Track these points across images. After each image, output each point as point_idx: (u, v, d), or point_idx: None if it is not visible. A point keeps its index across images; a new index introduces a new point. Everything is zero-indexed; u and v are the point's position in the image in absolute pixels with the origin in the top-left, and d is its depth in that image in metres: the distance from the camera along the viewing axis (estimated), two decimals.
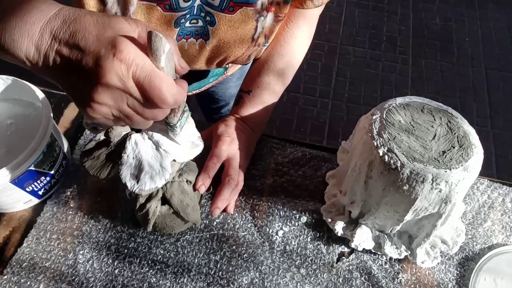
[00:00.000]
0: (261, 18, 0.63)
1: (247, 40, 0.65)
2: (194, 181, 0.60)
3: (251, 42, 0.66)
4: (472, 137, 0.53)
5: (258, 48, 0.69)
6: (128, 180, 0.48)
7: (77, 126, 0.73)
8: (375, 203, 0.56)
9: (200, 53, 0.67)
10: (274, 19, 0.64)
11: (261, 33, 0.66)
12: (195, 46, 0.66)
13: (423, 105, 0.55)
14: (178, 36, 0.64)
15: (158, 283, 0.58)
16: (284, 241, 0.62)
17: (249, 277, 0.59)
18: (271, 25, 0.65)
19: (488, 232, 0.64)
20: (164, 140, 0.49)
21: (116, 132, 0.47)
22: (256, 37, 0.65)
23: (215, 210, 0.61)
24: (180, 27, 0.62)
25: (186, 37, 0.64)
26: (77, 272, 0.58)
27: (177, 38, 0.64)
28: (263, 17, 0.63)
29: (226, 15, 0.61)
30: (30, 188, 0.60)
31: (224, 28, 0.63)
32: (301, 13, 0.68)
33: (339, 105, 1.91)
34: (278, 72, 0.70)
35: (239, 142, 0.65)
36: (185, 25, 0.62)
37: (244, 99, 0.70)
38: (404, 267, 0.61)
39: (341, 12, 2.26)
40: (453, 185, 0.49)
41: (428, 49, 2.12)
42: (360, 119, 0.59)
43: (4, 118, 0.64)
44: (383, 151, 0.50)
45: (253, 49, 0.68)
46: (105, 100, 0.36)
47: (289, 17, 0.68)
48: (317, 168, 0.70)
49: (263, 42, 0.68)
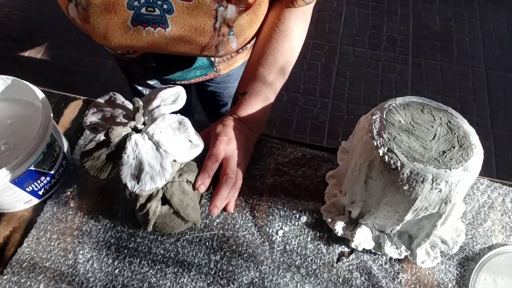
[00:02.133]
0: (221, 8, 0.62)
1: (209, 29, 0.65)
2: (194, 181, 0.60)
3: (213, 31, 0.65)
4: (472, 137, 0.53)
5: (223, 38, 0.67)
6: (129, 180, 0.48)
7: (77, 126, 0.73)
8: (375, 203, 0.56)
9: (160, 41, 0.67)
10: (236, 10, 0.63)
11: (223, 23, 0.65)
12: (154, 35, 0.65)
13: (423, 105, 0.55)
14: (133, 21, 0.63)
15: (158, 283, 0.58)
16: (284, 241, 0.62)
17: (249, 277, 0.59)
18: (234, 16, 0.64)
19: (488, 232, 0.64)
20: (165, 140, 0.49)
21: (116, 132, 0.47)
22: (218, 26, 0.64)
23: (214, 209, 0.61)
24: (135, 11, 0.62)
25: (143, 25, 0.64)
26: (77, 272, 0.58)
27: (133, 23, 0.63)
28: (223, 7, 0.62)
29: (184, 2, 0.60)
30: (30, 188, 0.60)
31: (182, 16, 0.62)
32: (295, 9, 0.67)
33: (339, 105, 1.91)
34: (275, 69, 0.69)
35: (236, 141, 0.65)
36: (140, 10, 0.62)
37: (240, 100, 0.70)
38: (404, 267, 0.61)
39: (341, 12, 2.26)
40: (453, 185, 0.49)
41: (428, 49, 2.12)
42: (360, 119, 0.59)
43: (4, 118, 0.64)
44: (383, 151, 0.50)
45: (217, 39, 0.67)
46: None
47: (282, 12, 0.67)
48: (317, 168, 0.70)
49: (227, 32, 0.66)
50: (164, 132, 0.50)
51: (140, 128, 0.50)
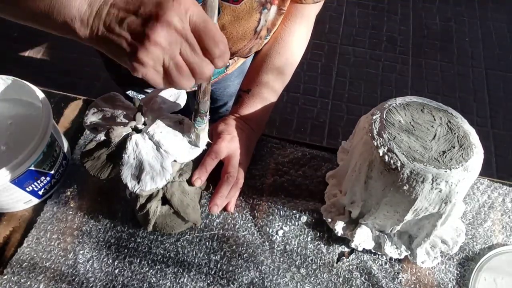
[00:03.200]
0: (265, 10, 0.63)
1: (250, 32, 0.65)
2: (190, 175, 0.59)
3: (253, 34, 0.66)
4: (472, 137, 0.53)
5: (259, 41, 0.69)
6: (129, 181, 0.48)
7: (77, 126, 0.73)
8: (375, 203, 0.56)
9: None
10: (277, 12, 0.65)
11: (264, 26, 0.66)
12: None
13: (423, 105, 0.55)
14: None
15: (158, 283, 0.58)
16: (284, 241, 0.62)
17: (249, 277, 0.59)
18: (274, 18, 0.66)
19: (488, 232, 0.64)
20: (165, 140, 0.49)
21: (116, 132, 0.47)
22: (258, 30, 0.65)
23: (214, 207, 0.61)
24: None
25: None
26: (77, 272, 0.58)
27: None
28: (267, 10, 0.63)
29: (231, 5, 0.61)
30: (30, 188, 0.60)
31: (228, 18, 0.62)
32: (298, 11, 0.68)
33: (339, 105, 1.91)
34: (277, 70, 0.71)
35: (239, 140, 0.65)
36: None
37: (243, 98, 0.70)
38: (404, 267, 0.61)
39: (341, 12, 2.26)
40: (453, 185, 0.49)
41: (428, 49, 2.12)
42: (360, 119, 0.59)
43: (4, 118, 0.64)
44: (383, 151, 0.50)
45: (254, 42, 0.68)
46: (162, 40, 0.36)
47: (287, 15, 0.69)
48: (317, 168, 0.70)
49: (265, 35, 0.68)
50: (165, 132, 0.50)
51: (140, 128, 0.50)
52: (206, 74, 0.40)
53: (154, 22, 0.35)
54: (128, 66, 0.38)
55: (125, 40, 0.37)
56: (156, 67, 0.37)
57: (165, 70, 0.38)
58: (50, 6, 0.38)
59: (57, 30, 0.40)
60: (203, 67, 0.39)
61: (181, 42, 0.37)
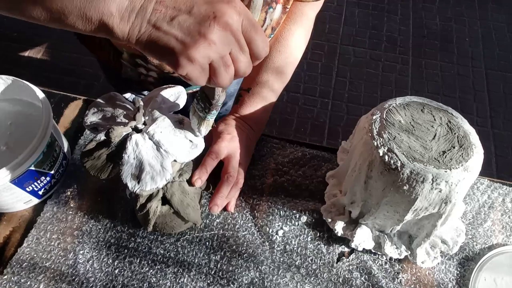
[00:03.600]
0: (270, 10, 0.63)
1: None
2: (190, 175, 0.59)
3: None
4: (472, 137, 0.53)
5: None
6: (129, 181, 0.48)
7: (77, 126, 0.73)
8: (375, 203, 0.56)
9: None
10: (282, 10, 0.65)
11: (269, 25, 0.66)
12: None
13: (423, 105, 0.55)
14: None
15: (158, 283, 0.58)
16: (284, 240, 0.62)
17: (249, 277, 0.59)
18: (279, 17, 0.66)
19: (488, 232, 0.64)
20: (165, 140, 0.49)
21: (116, 132, 0.47)
22: (264, 29, 0.65)
23: (214, 207, 0.61)
24: None
25: None
26: (77, 272, 0.58)
27: None
28: (273, 9, 0.63)
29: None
30: (30, 188, 0.60)
31: None
32: (298, 11, 0.69)
33: (339, 105, 1.91)
34: (277, 70, 0.71)
35: (239, 140, 0.65)
36: None
37: (244, 98, 0.70)
38: (404, 267, 0.61)
39: (341, 12, 2.26)
40: (453, 185, 0.49)
41: (428, 49, 2.12)
42: (360, 119, 0.59)
43: (4, 118, 0.64)
44: (383, 151, 0.50)
45: None
46: (217, 39, 0.37)
47: (287, 14, 0.69)
48: (317, 168, 0.70)
49: (269, 34, 0.68)
50: (165, 132, 0.50)
51: (140, 128, 0.50)
52: (247, 73, 0.41)
53: (212, 22, 0.36)
54: (172, 63, 0.37)
55: (175, 38, 0.37)
56: (203, 65, 0.38)
57: (211, 68, 0.39)
58: (85, 1, 0.37)
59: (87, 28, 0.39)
60: (247, 67, 0.41)
61: (233, 43, 0.38)
